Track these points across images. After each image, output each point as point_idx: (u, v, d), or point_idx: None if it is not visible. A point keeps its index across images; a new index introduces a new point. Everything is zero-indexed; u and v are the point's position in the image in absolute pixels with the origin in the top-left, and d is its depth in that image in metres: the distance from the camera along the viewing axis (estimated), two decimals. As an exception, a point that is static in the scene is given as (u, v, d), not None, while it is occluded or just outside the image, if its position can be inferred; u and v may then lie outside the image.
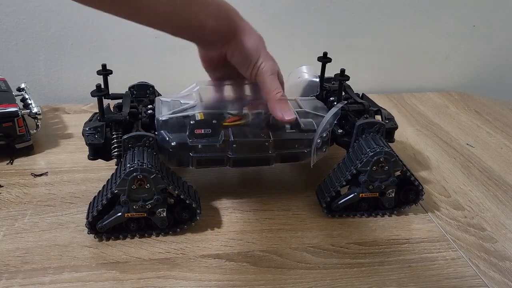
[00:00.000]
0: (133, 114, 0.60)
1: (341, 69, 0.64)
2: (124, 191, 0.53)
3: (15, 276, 0.50)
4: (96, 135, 0.59)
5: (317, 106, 0.67)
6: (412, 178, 0.61)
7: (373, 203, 0.62)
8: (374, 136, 0.61)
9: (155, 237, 0.57)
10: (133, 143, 0.56)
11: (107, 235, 0.56)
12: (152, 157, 0.55)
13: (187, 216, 0.57)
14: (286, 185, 0.69)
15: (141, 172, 0.52)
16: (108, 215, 0.55)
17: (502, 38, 1.11)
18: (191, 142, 0.59)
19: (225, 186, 0.68)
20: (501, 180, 0.73)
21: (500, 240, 0.59)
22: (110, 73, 0.66)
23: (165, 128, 0.59)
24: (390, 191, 0.61)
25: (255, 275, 0.52)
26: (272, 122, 0.61)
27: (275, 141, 0.60)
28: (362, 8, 1.01)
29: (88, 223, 0.54)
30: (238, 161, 0.60)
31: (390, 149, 0.59)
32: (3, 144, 0.73)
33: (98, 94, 0.56)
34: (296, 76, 0.74)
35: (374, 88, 1.08)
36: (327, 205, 0.61)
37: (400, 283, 0.52)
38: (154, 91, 0.70)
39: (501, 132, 0.90)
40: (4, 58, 0.93)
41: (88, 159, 0.60)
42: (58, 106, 0.93)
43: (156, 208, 0.55)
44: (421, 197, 0.62)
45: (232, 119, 0.60)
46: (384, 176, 0.59)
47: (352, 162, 0.60)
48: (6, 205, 0.62)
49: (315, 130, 0.62)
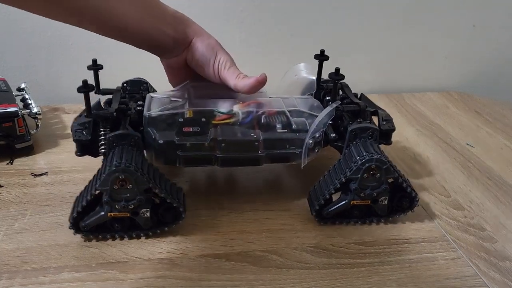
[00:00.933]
0: (121, 110, 0.59)
1: (336, 68, 0.61)
2: (107, 191, 0.52)
3: (15, 276, 0.50)
4: (84, 131, 0.58)
5: (313, 105, 0.65)
6: (405, 184, 0.58)
7: (366, 211, 0.60)
8: (365, 142, 0.58)
9: (144, 238, 0.57)
10: (118, 142, 0.55)
11: (92, 234, 0.56)
12: (135, 157, 0.54)
13: (171, 217, 0.57)
14: (286, 185, 0.69)
15: (123, 173, 0.51)
16: (92, 214, 0.54)
17: (502, 38, 1.11)
18: (179, 140, 0.58)
19: (225, 186, 0.68)
20: (501, 180, 0.73)
21: (500, 240, 0.59)
22: (101, 68, 0.65)
23: (152, 125, 0.58)
24: (383, 198, 0.58)
25: (255, 275, 0.52)
26: (263, 121, 0.60)
27: (265, 141, 0.59)
28: (362, 8, 1.01)
29: (72, 218, 0.54)
30: (227, 161, 0.59)
31: (382, 156, 0.56)
32: (3, 144, 0.73)
33: (84, 90, 0.55)
34: (293, 73, 0.72)
35: (374, 88, 1.08)
36: (317, 212, 0.59)
37: (400, 283, 0.52)
38: (148, 87, 0.68)
39: (501, 132, 0.90)
40: (4, 58, 0.93)
41: (76, 155, 0.59)
42: (58, 106, 0.93)
43: (139, 208, 0.54)
44: (416, 203, 0.60)
45: (222, 118, 0.59)
46: (376, 183, 0.57)
47: (342, 170, 0.58)
48: (6, 205, 0.62)
49: (307, 130, 0.60)
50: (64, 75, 0.96)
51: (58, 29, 0.91)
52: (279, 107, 0.61)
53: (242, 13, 0.97)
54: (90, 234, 0.56)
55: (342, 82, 0.70)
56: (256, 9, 0.97)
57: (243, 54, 1.02)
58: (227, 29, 0.97)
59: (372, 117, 0.65)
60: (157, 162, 0.59)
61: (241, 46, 1.00)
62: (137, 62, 0.97)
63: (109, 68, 0.67)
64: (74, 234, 0.55)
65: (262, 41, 1.00)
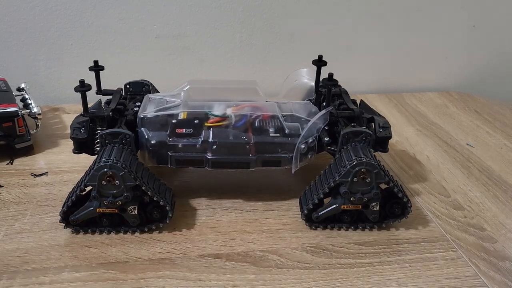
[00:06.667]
0: (118, 111, 0.61)
1: (329, 74, 0.61)
2: (94, 186, 0.54)
3: (15, 276, 0.50)
4: (81, 129, 0.59)
5: (310, 111, 0.65)
6: (396, 189, 0.57)
7: (357, 216, 0.59)
8: (355, 146, 0.58)
9: (131, 234, 0.57)
10: (110, 140, 0.57)
11: (82, 229, 0.57)
12: (125, 155, 0.55)
13: (158, 216, 0.57)
14: (286, 185, 0.69)
15: (110, 169, 0.53)
16: (81, 209, 0.55)
17: (502, 38, 1.11)
18: (171, 141, 0.59)
19: (225, 186, 0.68)
20: (501, 180, 0.73)
21: (500, 240, 0.59)
22: (102, 69, 0.66)
23: (146, 126, 0.59)
24: (374, 204, 0.57)
25: (255, 275, 0.52)
26: (256, 125, 0.60)
27: (256, 144, 0.59)
28: (362, 8, 1.01)
29: (63, 212, 0.55)
30: (217, 163, 0.60)
31: (372, 159, 0.56)
32: (3, 144, 0.73)
33: (81, 90, 0.57)
34: (294, 79, 0.73)
35: (374, 88, 1.08)
36: (306, 217, 0.59)
37: (400, 283, 0.52)
38: (150, 88, 0.69)
39: (501, 132, 0.90)
40: (4, 58, 0.93)
41: (73, 152, 0.60)
42: (58, 106, 0.93)
43: (126, 205, 0.55)
44: (409, 210, 0.59)
45: (215, 120, 0.60)
46: (366, 188, 0.56)
47: (332, 174, 0.57)
48: (6, 205, 0.62)
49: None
50: (64, 75, 0.96)
51: (58, 29, 0.91)
52: (273, 112, 0.61)
53: (242, 13, 0.97)
54: (79, 228, 0.57)
55: (341, 88, 0.70)
56: (256, 9, 0.97)
57: (243, 54, 1.03)
58: (227, 29, 0.97)
59: (367, 124, 0.64)
60: (150, 162, 0.60)
61: (241, 46, 1.00)
62: (138, 62, 0.97)
63: (108, 68, 0.67)
64: (65, 227, 0.56)
65: (262, 41, 1.00)
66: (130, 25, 0.93)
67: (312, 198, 0.58)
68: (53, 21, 0.91)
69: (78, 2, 0.89)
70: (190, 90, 0.64)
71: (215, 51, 0.99)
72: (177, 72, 0.99)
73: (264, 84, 0.82)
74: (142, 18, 0.93)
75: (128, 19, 0.93)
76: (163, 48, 0.97)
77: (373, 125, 0.64)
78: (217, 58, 1.00)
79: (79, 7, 0.90)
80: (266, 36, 1.00)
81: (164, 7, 0.93)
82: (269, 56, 1.02)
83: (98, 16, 0.91)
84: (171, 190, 0.60)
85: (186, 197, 0.65)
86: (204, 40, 0.97)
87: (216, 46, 0.99)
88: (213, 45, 0.98)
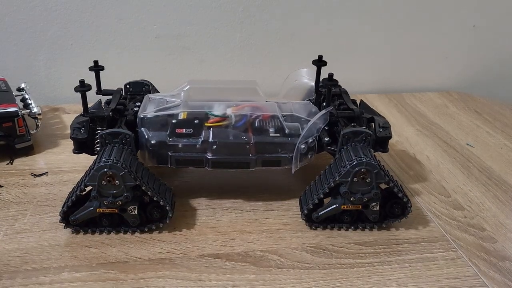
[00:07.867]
0: (118, 111, 0.61)
1: (329, 74, 0.61)
2: (94, 186, 0.54)
3: (15, 276, 0.50)
4: (81, 129, 0.59)
5: (310, 111, 0.65)
6: (396, 189, 0.57)
7: (357, 216, 0.59)
8: (355, 146, 0.58)
9: (131, 234, 0.57)
10: (110, 140, 0.57)
11: (82, 229, 0.57)
12: (125, 155, 0.55)
13: (158, 216, 0.57)
14: (286, 185, 0.69)
15: (110, 169, 0.53)
16: (81, 209, 0.56)
17: (502, 38, 1.11)
18: (171, 141, 0.59)
19: (225, 186, 0.68)
20: (501, 180, 0.73)
21: (500, 240, 0.59)
22: (102, 69, 0.66)
23: (146, 126, 0.60)
24: (374, 204, 0.57)
25: (255, 275, 0.52)
26: (256, 125, 0.60)
27: (256, 144, 0.59)
28: (362, 8, 1.01)
29: (63, 212, 0.55)
30: (217, 163, 0.60)
31: (372, 159, 0.56)
32: (3, 144, 0.73)
33: (81, 90, 0.57)
34: (294, 79, 0.73)
35: (374, 88, 1.08)
36: (306, 217, 0.59)
37: (400, 283, 0.52)
38: (150, 88, 0.69)
39: (501, 132, 0.90)
40: (4, 58, 0.93)
41: (73, 152, 0.60)
42: (58, 106, 0.93)
43: (126, 205, 0.55)
44: (409, 210, 0.59)
45: (215, 120, 0.60)
46: (366, 188, 0.56)
47: (332, 174, 0.57)
48: (6, 205, 0.62)
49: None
50: (64, 75, 0.96)
51: (58, 29, 0.91)
52: (273, 112, 0.61)
53: (242, 13, 0.97)
54: (79, 228, 0.57)
55: (341, 88, 0.70)
56: (256, 9, 0.97)
57: (243, 54, 1.03)
58: (227, 29, 0.97)
59: (367, 124, 0.64)
60: (150, 162, 0.60)
61: (241, 46, 1.00)
62: (138, 62, 0.97)
63: (109, 68, 0.67)
64: (65, 227, 0.56)
65: (262, 41, 1.00)
66: (130, 25, 0.93)
67: (312, 198, 0.58)
68: (53, 21, 0.91)
69: (78, 2, 0.89)
70: (190, 90, 0.64)
71: (215, 51, 0.99)
72: (177, 72, 0.99)
73: (264, 84, 0.82)
74: (142, 18, 0.93)
75: (128, 19, 0.93)
76: (163, 48, 0.97)
77: (373, 125, 0.64)
78: (217, 58, 1.00)
79: (79, 7, 0.90)
80: (266, 36, 1.00)
81: (164, 7, 0.93)
82: (269, 56, 1.02)
83: (98, 16, 0.91)
84: (171, 190, 0.60)
85: (186, 197, 0.65)
86: (204, 40, 0.97)
87: (216, 46, 0.99)
88: (213, 45, 0.98)
